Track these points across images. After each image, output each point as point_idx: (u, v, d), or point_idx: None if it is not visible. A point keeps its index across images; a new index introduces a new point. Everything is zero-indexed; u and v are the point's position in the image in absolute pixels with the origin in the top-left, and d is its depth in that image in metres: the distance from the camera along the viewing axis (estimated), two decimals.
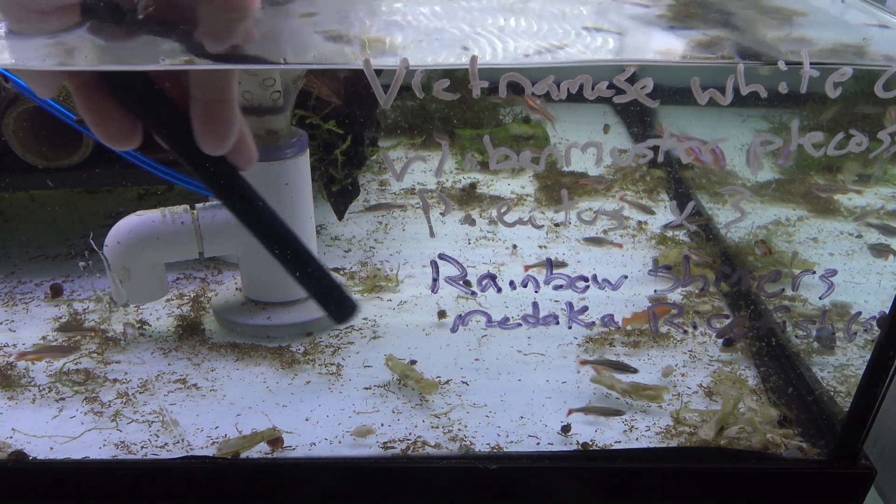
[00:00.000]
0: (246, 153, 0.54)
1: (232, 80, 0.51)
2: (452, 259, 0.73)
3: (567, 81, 0.51)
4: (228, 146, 0.52)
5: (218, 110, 0.51)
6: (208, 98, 0.51)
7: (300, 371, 0.92)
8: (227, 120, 0.51)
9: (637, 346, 0.96)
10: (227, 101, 0.51)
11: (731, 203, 0.64)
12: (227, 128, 0.52)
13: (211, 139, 0.51)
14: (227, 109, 0.51)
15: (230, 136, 0.52)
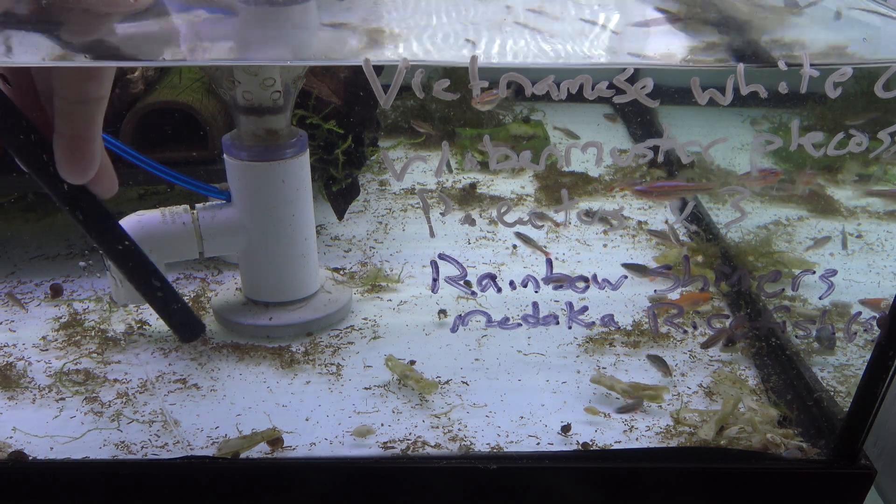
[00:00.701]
0: (106, 183, 0.56)
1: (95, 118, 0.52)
2: (452, 259, 0.73)
3: (567, 81, 0.51)
4: (87, 179, 0.54)
5: (81, 145, 0.52)
6: (72, 133, 0.52)
7: (300, 371, 0.92)
8: (88, 155, 0.53)
9: (637, 346, 0.96)
10: (89, 139, 0.53)
11: (731, 203, 0.64)
12: (87, 163, 0.53)
13: (71, 171, 0.53)
14: (90, 146, 0.53)
15: (90, 170, 0.53)
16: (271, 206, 0.94)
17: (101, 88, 0.52)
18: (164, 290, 0.63)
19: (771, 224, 1.27)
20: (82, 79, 0.50)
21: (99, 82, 0.51)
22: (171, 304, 0.64)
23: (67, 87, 0.51)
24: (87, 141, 0.52)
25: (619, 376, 0.88)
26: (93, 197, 0.57)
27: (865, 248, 1.22)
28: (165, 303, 0.63)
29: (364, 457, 0.79)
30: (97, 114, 0.52)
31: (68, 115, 0.51)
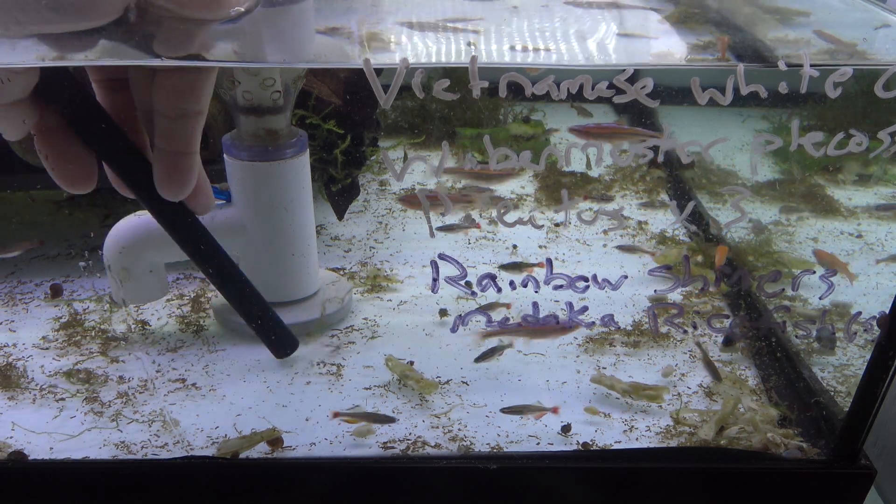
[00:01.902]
0: (203, 199, 0.56)
1: (195, 133, 0.52)
2: (452, 259, 0.73)
3: (567, 81, 0.51)
4: (186, 194, 0.54)
5: (180, 161, 0.52)
6: (172, 149, 0.52)
7: (300, 371, 0.92)
8: (188, 171, 0.53)
9: (637, 346, 0.96)
10: (189, 153, 0.53)
11: (731, 203, 0.64)
12: (187, 178, 0.53)
13: (171, 187, 0.53)
14: (189, 161, 0.53)
15: (189, 186, 0.53)
16: (271, 206, 0.94)
17: (199, 103, 0.52)
18: (260, 306, 0.64)
19: (771, 224, 1.27)
20: (181, 94, 0.51)
21: (197, 97, 0.51)
22: (266, 321, 0.64)
23: (167, 104, 0.51)
24: (186, 156, 0.53)
25: (618, 376, 0.88)
26: (190, 214, 0.57)
27: (865, 249, 1.22)
28: (261, 319, 0.64)
29: (364, 457, 0.79)
30: (197, 129, 0.52)
31: (168, 132, 0.52)
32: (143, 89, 0.52)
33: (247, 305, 0.63)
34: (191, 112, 0.51)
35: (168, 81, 0.50)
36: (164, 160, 0.52)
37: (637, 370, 0.92)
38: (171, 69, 0.49)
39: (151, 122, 0.53)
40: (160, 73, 0.50)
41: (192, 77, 0.51)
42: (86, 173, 0.51)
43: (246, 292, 0.63)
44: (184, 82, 0.50)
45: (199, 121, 0.52)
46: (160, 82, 0.50)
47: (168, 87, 0.50)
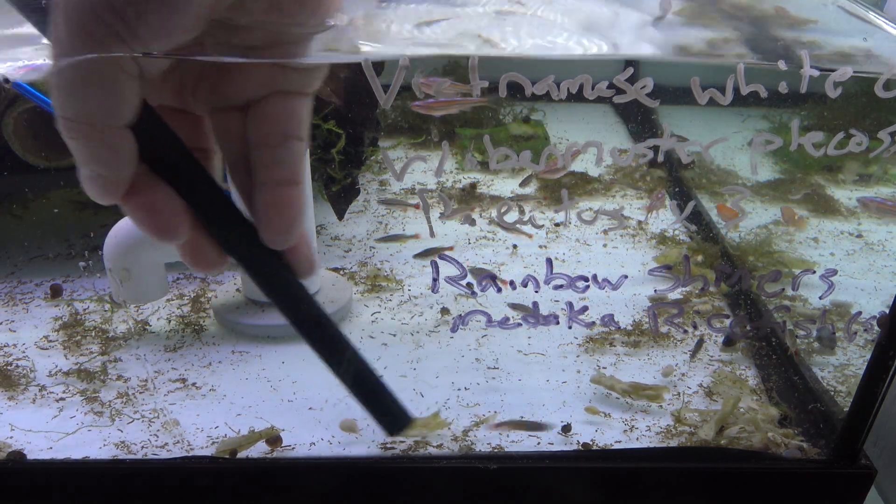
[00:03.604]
0: (306, 253, 0.50)
1: (301, 160, 0.48)
2: (452, 259, 0.73)
3: (567, 81, 0.51)
4: (296, 236, 0.48)
5: (286, 193, 0.47)
6: (277, 179, 0.47)
7: (300, 371, 0.91)
8: (295, 204, 0.47)
9: (637, 346, 0.96)
10: (296, 184, 0.47)
11: (731, 203, 0.64)
12: (295, 214, 0.47)
13: (278, 226, 0.47)
14: (296, 193, 0.47)
15: (297, 225, 0.47)
16: None
17: (301, 127, 0.47)
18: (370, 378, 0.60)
19: (771, 224, 1.27)
20: (283, 119, 0.47)
21: (299, 120, 0.47)
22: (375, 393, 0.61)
23: (269, 131, 0.47)
24: (292, 187, 0.47)
25: (618, 376, 0.88)
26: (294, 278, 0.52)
27: (865, 248, 1.22)
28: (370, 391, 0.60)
29: (364, 457, 0.79)
30: (302, 156, 0.47)
31: (271, 162, 0.47)
32: (233, 128, 0.48)
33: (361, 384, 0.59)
34: (294, 136, 0.47)
35: (268, 108, 0.46)
36: (269, 194, 0.47)
37: (637, 370, 0.92)
38: (269, 96, 0.46)
39: (242, 168, 0.48)
40: (257, 102, 0.46)
41: (293, 100, 0.47)
42: (180, 222, 0.46)
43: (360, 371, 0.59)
44: (285, 106, 0.47)
45: (304, 147, 0.48)
46: (259, 112, 0.46)
47: (268, 114, 0.46)
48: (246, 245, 0.48)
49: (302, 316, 0.53)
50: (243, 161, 0.48)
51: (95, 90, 0.40)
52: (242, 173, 0.48)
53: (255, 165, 0.47)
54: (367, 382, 0.59)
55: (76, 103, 0.41)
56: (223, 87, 0.47)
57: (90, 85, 0.40)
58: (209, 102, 0.47)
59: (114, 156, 0.43)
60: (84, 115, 0.41)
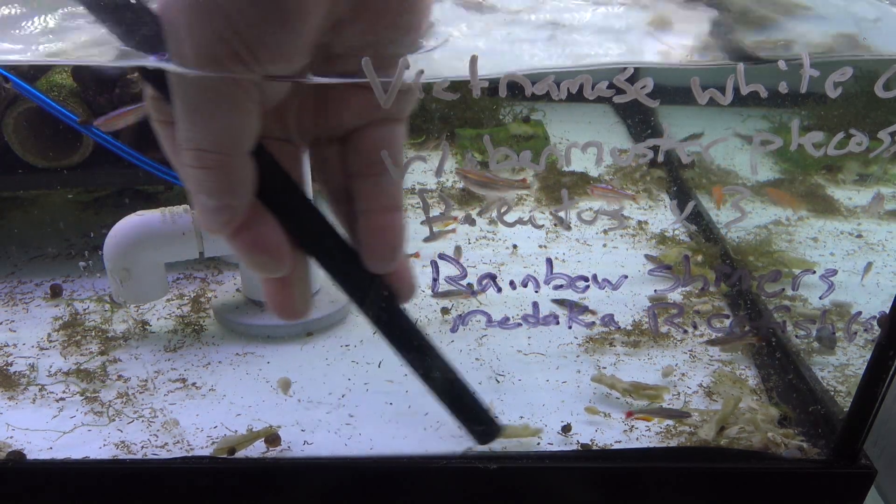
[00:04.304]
0: (408, 281, 0.50)
1: (401, 186, 0.48)
2: (452, 259, 0.73)
3: (567, 81, 0.51)
4: (397, 260, 0.49)
5: (388, 219, 0.48)
6: (378, 206, 0.48)
7: (300, 371, 0.91)
8: (397, 229, 0.48)
9: (637, 346, 0.96)
10: (397, 209, 0.49)
11: (731, 203, 0.64)
12: (398, 238, 0.48)
13: (381, 251, 0.48)
14: (398, 218, 0.48)
15: (400, 249, 0.48)
16: None
17: (399, 154, 0.48)
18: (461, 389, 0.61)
19: (771, 224, 1.27)
20: (382, 148, 0.47)
21: (398, 147, 0.48)
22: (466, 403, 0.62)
23: (368, 160, 0.47)
24: (394, 213, 0.48)
25: (619, 376, 0.88)
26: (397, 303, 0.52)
27: (865, 248, 1.22)
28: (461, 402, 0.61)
29: (364, 456, 0.79)
30: (401, 182, 0.48)
31: (372, 190, 0.48)
32: (332, 158, 0.48)
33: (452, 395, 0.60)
34: (394, 163, 0.48)
35: (366, 138, 0.47)
36: (371, 221, 0.48)
37: (637, 370, 0.92)
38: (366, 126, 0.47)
39: (342, 197, 0.49)
40: (355, 132, 0.47)
41: (389, 128, 0.48)
42: (285, 255, 0.47)
43: (452, 382, 0.60)
44: (383, 135, 0.47)
45: (403, 173, 0.49)
46: (358, 142, 0.47)
47: (367, 143, 0.47)
48: (349, 271, 0.49)
49: (398, 332, 0.54)
50: (343, 190, 0.49)
51: (222, 114, 0.40)
52: (343, 202, 0.49)
53: (356, 194, 0.48)
54: (458, 393, 0.60)
55: (204, 130, 0.41)
56: (324, 119, 0.47)
57: (217, 108, 0.40)
58: (310, 134, 0.47)
59: (238, 184, 0.43)
60: (212, 142, 0.41)
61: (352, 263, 0.49)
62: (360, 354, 0.95)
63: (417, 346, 0.56)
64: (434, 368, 0.58)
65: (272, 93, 0.43)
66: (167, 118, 0.43)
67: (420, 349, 0.57)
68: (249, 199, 0.44)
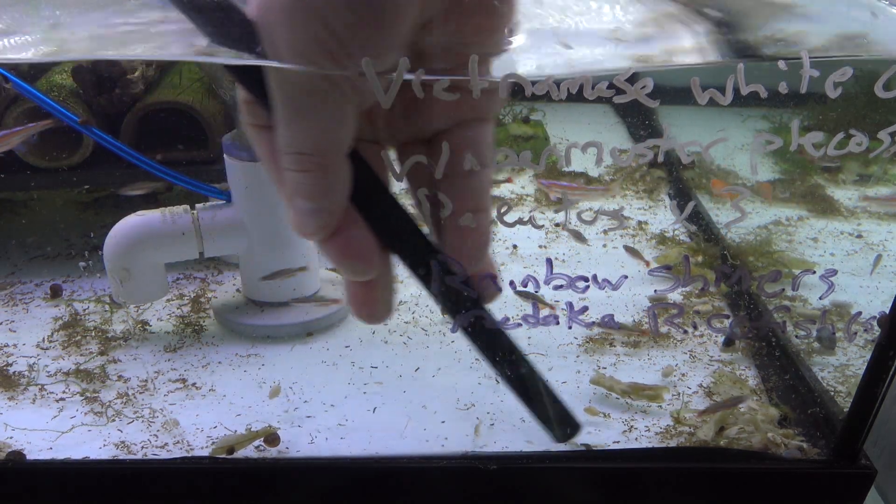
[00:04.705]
0: (492, 282, 0.51)
1: (489, 187, 0.49)
2: (453, 259, 0.73)
3: (567, 81, 0.51)
4: (483, 260, 0.50)
5: (474, 220, 0.48)
6: (467, 208, 0.48)
7: (300, 371, 0.91)
8: (485, 230, 0.49)
9: (637, 346, 0.96)
10: (485, 211, 0.49)
11: (731, 203, 0.64)
12: (485, 239, 0.49)
13: (468, 253, 0.49)
14: (485, 219, 0.49)
15: (486, 248, 0.49)
16: (271, 206, 0.94)
17: (487, 154, 0.48)
18: (539, 387, 0.62)
19: (771, 224, 1.27)
20: (469, 149, 0.47)
21: (485, 149, 0.48)
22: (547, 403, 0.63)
23: (456, 162, 0.47)
24: (481, 214, 0.48)
25: (618, 376, 0.88)
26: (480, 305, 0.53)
27: (865, 248, 1.22)
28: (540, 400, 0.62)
29: (364, 456, 0.79)
30: (489, 182, 0.48)
31: (460, 192, 0.48)
32: (418, 162, 0.48)
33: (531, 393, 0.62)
34: (480, 164, 0.48)
35: (454, 139, 0.47)
36: (457, 222, 0.48)
37: (637, 370, 0.92)
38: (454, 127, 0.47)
39: (429, 198, 0.49)
40: (443, 133, 0.47)
41: (477, 128, 0.48)
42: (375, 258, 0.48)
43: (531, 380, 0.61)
44: (470, 135, 0.47)
45: (490, 174, 0.49)
46: (446, 143, 0.47)
47: (455, 144, 0.47)
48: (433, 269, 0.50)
49: (481, 332, 0.56)
50: (430, 191, 0.49)
51: (322, 117, 0.41)
52: (429, 203, 0.49)
53: (443, 195, 0.48)
54: (537, 391, 0.61)
55: (304, 133, 0.41)
56: (412, 120, 0.47)
57: (317, 111, 0.41)
58: (399, 135, 0.48)
59: (335, 187, 0.44)
60: (312, 145, 0.42)
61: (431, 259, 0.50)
62: (360, 354, 0.95)
63: (500, 346, 0.58)
64: (515, 367, 0.59)
65: (368, 94, 0.43)
66: (261, 122, 0.44)
67: (502, 349, 0.58)
68: (345, 201, 0.44)
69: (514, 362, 0.59)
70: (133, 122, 1.04)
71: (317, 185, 0.43)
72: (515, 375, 0.59)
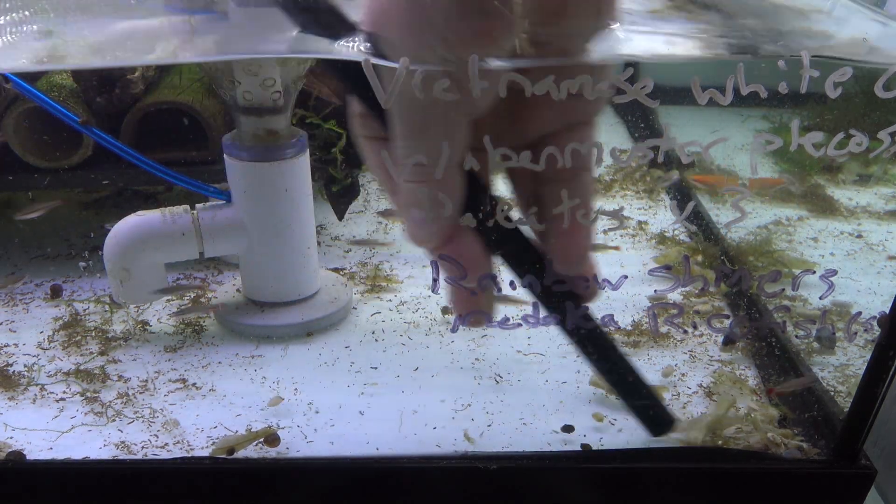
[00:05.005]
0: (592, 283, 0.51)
1: (592, 186, 0.49)
2: (453, 259, 0.73)
3: (567, 81, 0.51)
4: (587, 263, 0.50)
5: (578, 223, 0.49)
6: (570, 206, 0.49)
7: (301, 371, 0.91)
8: (588, 233, 0.49)
9: (637, 346, 0.96)
10: (588, 210, 0.49)
11: (731, 203, 0.64)
12: (588, 242, 0.50)
13: (571, 256, 0.50)
14: (588, 218, 0.49)
15: (589, 251, 0.50)
16: (271, 206, 0.94)
17: (590, 158, 0.48)
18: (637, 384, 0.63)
19: (771, 224, 1.27)
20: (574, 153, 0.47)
21: (588, 152, 0.48)
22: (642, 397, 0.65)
23: (560, 167, 0.47)
24: (587, 216, 0.49)
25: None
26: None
27: (866, 248, 1.22)
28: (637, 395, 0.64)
29: (364, 456, 0.79)
30: (593, 184, 0.49)
31: (564, 197, 0.49)
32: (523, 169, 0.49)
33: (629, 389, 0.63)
34: (584, 168, 0.48)
35: (558, 143, 0.47)
36: (562, 225, 0.49)
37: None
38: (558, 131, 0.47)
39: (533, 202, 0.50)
40: (546, 139, 0.47)
41: (581, 131, 0.48)
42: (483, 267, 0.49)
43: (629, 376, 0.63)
44: (574, 140, 0.48)
45: (591, 177, 0.49)
46: (551, 150, 0.47)
47: (559, 148, 0.47)
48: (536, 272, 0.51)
49: (583, 331, 0.57)
50: (533, 195, 0.49)
51: (440, 128, 0.42)
52: (533, 207, 0.50)
53: (548, 199, 0.49)
54: (636, 388, 0.62)
55: (422, 144, 0.42)
56: (517, 126, 0.48)
57: (435, 122, 0.42)
58: (504, 141, 0.48)
59: (452, 195, 0.45)
60: (430, 155, 0.42)
61: (540, 266, 0.51)
62: (360, 355, 0.95)
63: (601, 345, 0.58)
64: (612, 360, 0.61)
65: (482, 103, 0.44)
66: (372, 133, 0.45)
67: (603, 347, 0.59)
68: (459, 210, 0.45)
69: (615, 360, 0.60)
70: (133, 122, 1.04)
71: (434, 194, 0.43)
72: (615, 372, 0.60)
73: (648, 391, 0.61)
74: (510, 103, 0.46)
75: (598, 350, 0.59)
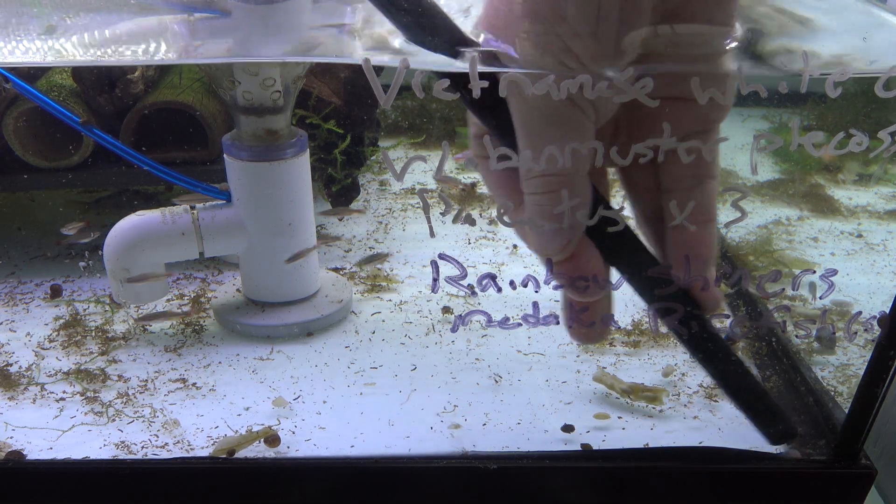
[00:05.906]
0: (713, 293, 0.50)
1: (714, 197, 0.48)
2: (452, 259, 0.73)
3: (567, 81, 0.51)
4: (709, 272, 0.49)
5: (702, 232, 0.48)
6: (693, 220, 0.48)
7: (301, 371, 0.91)
8: (710, 241, 0.48)
9: (637, 346, 0.96)
10: (710, 221, 0.49)
11: (731, 203, 0.64)
12: (711, 250, 0.49)
13: (694, 265, 0.49)
14: (711, 230, 0.49)
15: (712, 259, 0.49)
16: (271, 206, 0.94)
17: (713, 166, 0.48)
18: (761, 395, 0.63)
19: (771, 224, 1.27)
20: (696, 161, 0.47)
21: (711, 160, 0.48)
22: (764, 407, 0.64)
23: (682, 175, 0.47)
24: (707, 225, 0.48)
25: (618, 376, 0.88)
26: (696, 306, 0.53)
27: (866, 248, 1.22)
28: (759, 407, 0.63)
29: (364, 457, 0.79)
30: (715, 192, 0.48)
31: (684, 206, 0.48)
32: (644, 175, 0.48)
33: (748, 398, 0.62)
34: (707, 176, 0.48)
35: (678, 153, 0.47)
36: (683, 235, 0.48)
37: (637, 370, 0.92)
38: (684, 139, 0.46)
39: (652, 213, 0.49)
40: (669, 150, 0.47)
41: (700, 140, 0.48)
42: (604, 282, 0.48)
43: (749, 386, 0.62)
44: (696, 148, 0.47)
45: (716, 185, 0.48)
46: (670, 159, 0.47)
47: (679, 159, 0.47)
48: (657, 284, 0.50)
49: (703, 341, 0.56)
50: (653, 206, 0.49)
51: (566, 138, 0.41)
52: (652, 216, 0.50)
53: (669, 208, 0.48)
54: (756, 397, 0.62)
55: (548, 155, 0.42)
56: (638, 136, 0.47)
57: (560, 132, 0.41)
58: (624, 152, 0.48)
59: (583, 201, 0.44)
60: (556, 166, 0.42)
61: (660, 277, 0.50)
62: (360, 355, 0.95)
63: (720, 354, 0.58)
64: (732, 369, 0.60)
65: (604, 111, 0.44)
66: (488, 153, 0.44)
67: (723, 357, 0.58)
68: (586, 221, 0.45)
69: (735, 368, 0.59)
70: (133, 122, 1.04)
71: (559, 205, 0.43)
72: (734, 380, 0.60)
73: (770, 400, 0.61)
74: (630, 112, 0.46)
75: (717, 356, 0.58)
